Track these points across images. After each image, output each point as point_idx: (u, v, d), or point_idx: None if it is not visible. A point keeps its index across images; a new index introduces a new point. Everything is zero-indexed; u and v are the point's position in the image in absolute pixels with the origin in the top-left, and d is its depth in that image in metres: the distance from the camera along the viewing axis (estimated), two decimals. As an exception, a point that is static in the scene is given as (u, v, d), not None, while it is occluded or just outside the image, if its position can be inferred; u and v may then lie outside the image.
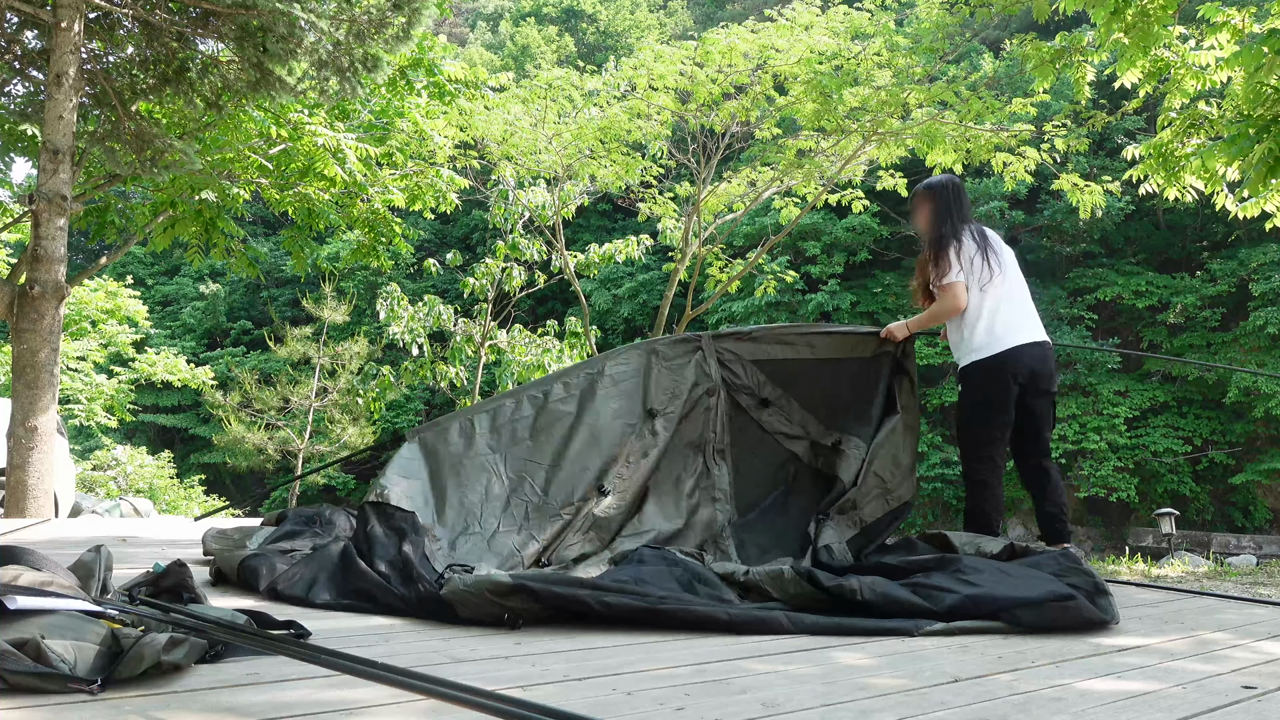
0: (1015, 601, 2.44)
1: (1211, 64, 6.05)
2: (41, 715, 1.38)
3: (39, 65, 7.12)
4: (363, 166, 8.46)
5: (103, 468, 16.39)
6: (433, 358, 11.33)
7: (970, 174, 19.89)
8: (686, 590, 2.56)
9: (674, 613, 2.35)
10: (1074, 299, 23.45)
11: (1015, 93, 11.07)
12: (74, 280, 7.14)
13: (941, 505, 22.27)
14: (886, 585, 2.53)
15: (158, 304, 31.30)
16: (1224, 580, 4.54)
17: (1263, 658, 2.21)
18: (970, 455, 3.52)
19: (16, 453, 6.00)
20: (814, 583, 2.53)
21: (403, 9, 6.61)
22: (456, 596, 2.33)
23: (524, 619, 2.33)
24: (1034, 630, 2.41)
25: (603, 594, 2.36)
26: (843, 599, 2.48)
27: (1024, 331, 3.48)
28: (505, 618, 2.30)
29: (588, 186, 11.71)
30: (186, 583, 2.10)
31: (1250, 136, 5.42)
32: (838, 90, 9.32)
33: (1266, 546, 18.05)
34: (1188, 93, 6.31)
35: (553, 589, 2.33)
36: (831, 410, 3.61)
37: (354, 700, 1.56)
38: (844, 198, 11.39)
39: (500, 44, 36.64)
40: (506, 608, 2.30)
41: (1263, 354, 20.40)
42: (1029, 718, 1.62)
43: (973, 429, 3.52)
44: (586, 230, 27.19)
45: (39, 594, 1.68)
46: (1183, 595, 3.49)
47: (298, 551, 2.97)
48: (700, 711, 1.59)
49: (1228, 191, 6.47)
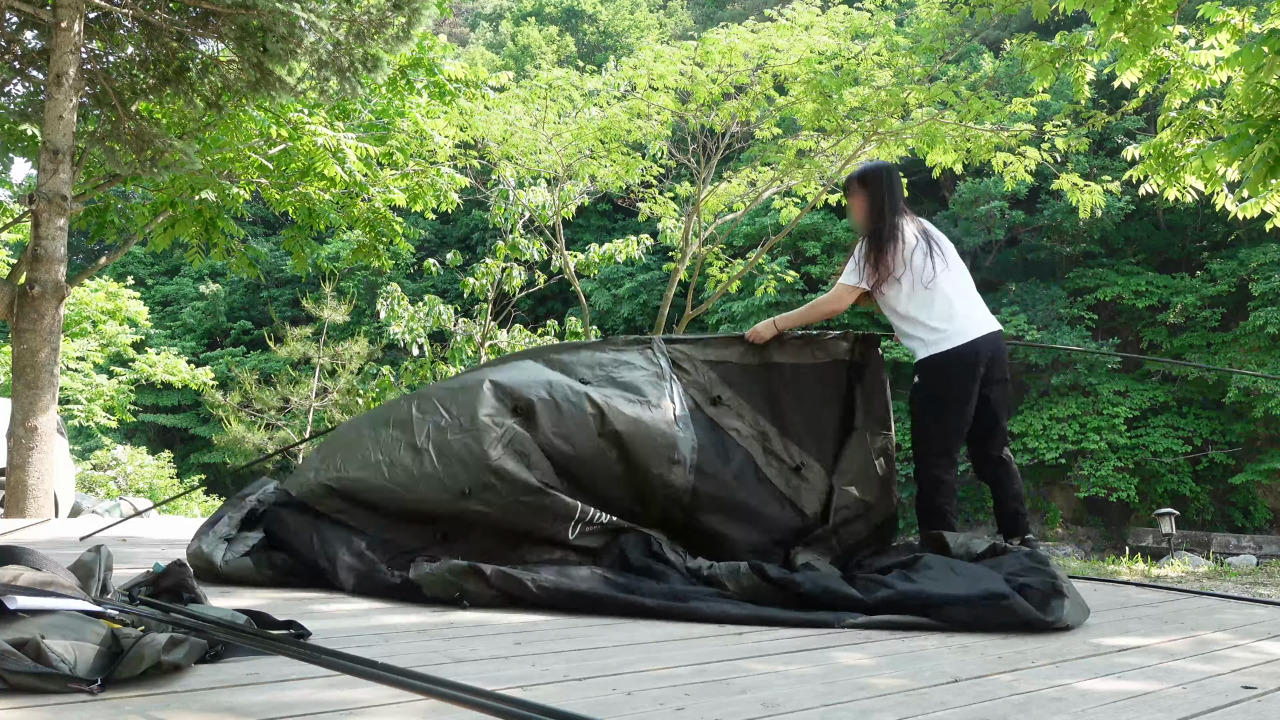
0: (946, 599, 2.46)
1: (1211, 64, 6.05)
2: (41, 715, 1.38)
3: (39, 65, 7.12)
4: (362, 166, 8.46)
5: (103, 468, 16.39)
6: (433, 358, 11.33)
7: (970, 174, 19.90)
8: (640, 578, 2.72)
9: (600, 597, 2.58)
10: (1074, 299, 23.46)
11: (1015, 92, 11.08)
12: (74, 280, 7.14)
13: (941, 505, 22.25)
14: (829, 580, 2.65)
15: (158, 304, 31.31)
16: (1224, 580, 4.54)
17: (1263, 658, 2.21)
18: (932, 452, 3.38)
19: (16, 453, 6.00)
20: (762, 576, 2.64)
21: (403, 9, 6.61)
22: (423, 579, 2.67)
23: (472, 600, 2.61)
24: (968, 628, 2.41)
25: (540, 579, 2.61)
26: (787, 591, 2.59)
27: (980, 322, 3.38)
28: (457, 596, 2.61)
29: (588, 186, 11.72)
30: (186, 583, 2.10)
31: (1250, 136, 5.42)
32: (837, 90, 9.33)
33: (1266, 546, 18.05)
34: (1188, 93, 6.31)
35: (501, 570, 2.62)
36: (784, 416, 3.39)
37: (354, 700, 1.56)
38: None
39: (501, 44, 36.65)
40: (462, 588, 2.61)
41: (1263, 354, 20.41)
42: (1029, 718, 1.62)
43: (935, 425, 3.37)
44: (586, 230, 27.20)
45: (39, 594, 1.68)
46: (1183, 595, 3.49)
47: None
48: (700, 711, 1.59)
49: (1228, 192, 6.47)
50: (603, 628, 2.38)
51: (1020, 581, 2.52)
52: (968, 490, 23.21)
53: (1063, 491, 22.53)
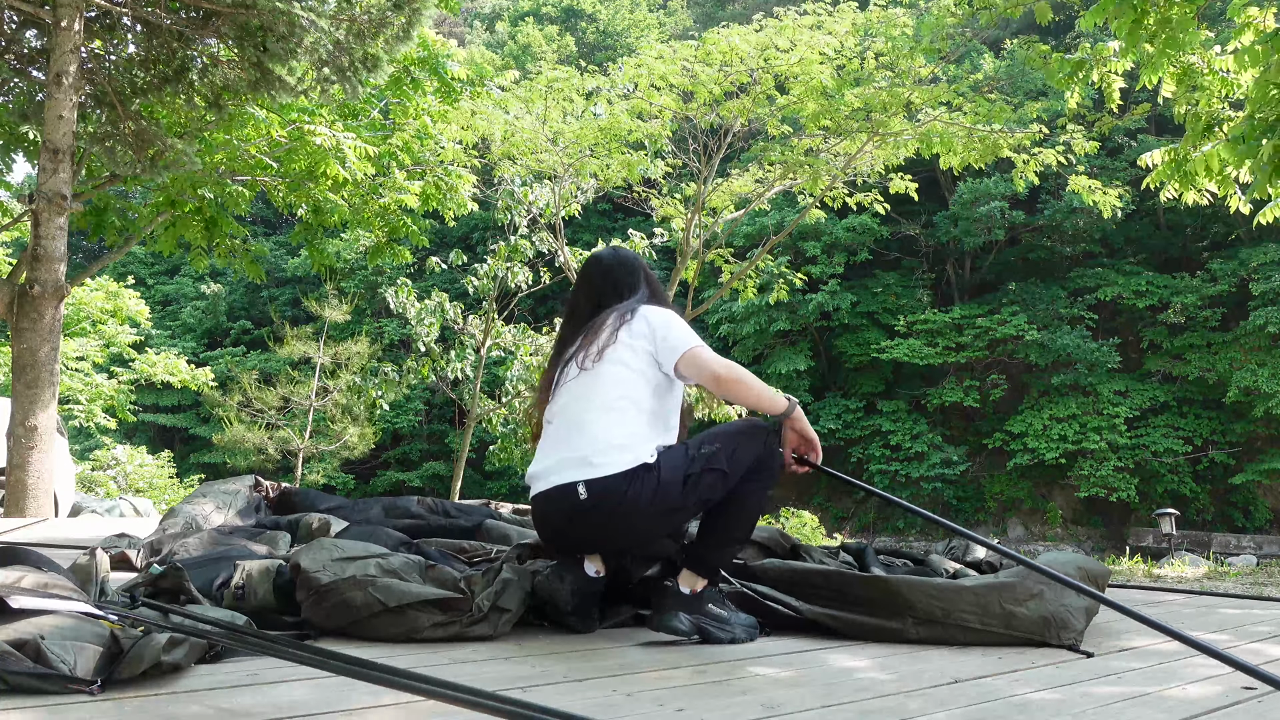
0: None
1: (1232, 68, 5.99)
2: (41, 715, 1.38)
3: (39, 65, 7.12)
4: (364, 166, 8.46)
5: (103, 467, 16.38)
6: (438, 355, 11.34)
7: (970, 174, 19.90)
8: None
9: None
10: (1074, 299, 23.46)
11: (1016, 91, 11.11)
12: (74, 280, 7.14)
13: (941, 505, 22.28)
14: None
15: (158, 304, 31.28)
16: (1224, 580, 4.54)
17: (1263, 658, 2.21)
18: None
19: (16, 452, 6.00)
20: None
21: (403, 9, 6.62)
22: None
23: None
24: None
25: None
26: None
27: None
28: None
29: (589, 185, 11.72)
30: (184, 584, 2.10)
31: (1257, 137, 5.38)
32: (839, 90, 9.35)
33: (1267, 546, 18.06)
34: (1215, 97, 6.24)
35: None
36: None
37: (354, 701, 1.56)
38: (863, 199, 11.36)
39: (500, 43, 36.61)
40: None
41: (1263, 354, 20.42)
42: (1029, 719, 1.62)
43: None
44: (587, 230, 27.19)
45: (40, 595, 1.68)
46: (1183, 595, 3.49)
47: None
48: (701, 713, 1.59)
49: (1240, 194, 6.42)
50: (602, 628, 2.38)
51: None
52: (968, 490, 23.24)
53: (1063, 491, 22.54)
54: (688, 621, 2.21)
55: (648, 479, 2.17)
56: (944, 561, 3.06)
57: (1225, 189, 6.37)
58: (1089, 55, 6.51)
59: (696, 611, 2.23)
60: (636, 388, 2.27)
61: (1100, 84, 6.58)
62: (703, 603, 2.25)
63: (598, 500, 2.16)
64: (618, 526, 2.21)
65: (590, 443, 2.20)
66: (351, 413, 18.99)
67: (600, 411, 2.24)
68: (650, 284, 2.50)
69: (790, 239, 22.61)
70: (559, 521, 2.25)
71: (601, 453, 2.18)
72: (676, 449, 2.26)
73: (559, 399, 2.34)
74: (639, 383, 2.28)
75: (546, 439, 2.35)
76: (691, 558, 2.31)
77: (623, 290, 2.45)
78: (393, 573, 2.15)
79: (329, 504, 3.54)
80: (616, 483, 2.15)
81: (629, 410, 2.24)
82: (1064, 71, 6.47)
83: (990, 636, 2.29)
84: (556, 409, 2.34)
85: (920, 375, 23.92)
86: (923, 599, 2.32)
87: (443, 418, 27.99)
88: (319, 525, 3.09)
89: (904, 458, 23.20)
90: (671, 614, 2.21)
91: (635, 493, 2.16)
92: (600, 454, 2.18)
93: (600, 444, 2.19)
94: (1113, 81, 6.54)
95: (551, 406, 2.36)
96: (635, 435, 2.22)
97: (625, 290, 2.45)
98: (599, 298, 2.46)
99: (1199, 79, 6.15)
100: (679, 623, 2.20)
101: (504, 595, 2.19)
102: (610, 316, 2.36)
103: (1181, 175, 6.30)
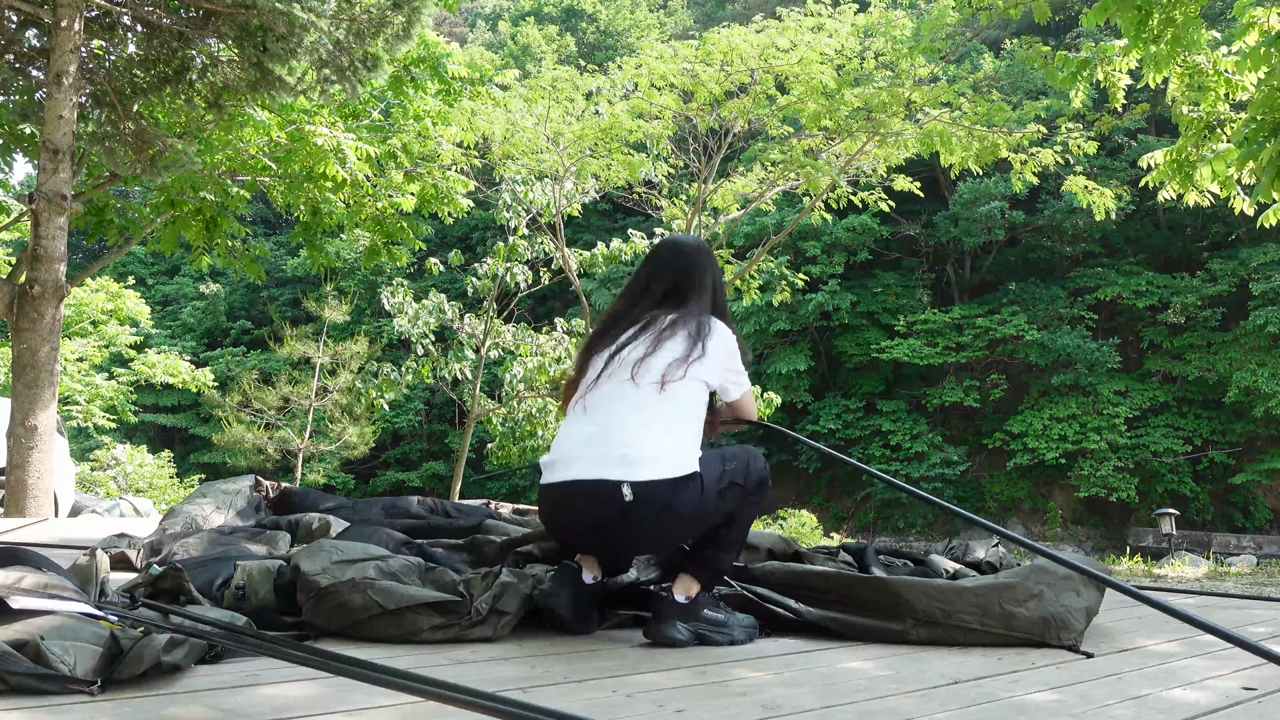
0: None
1: (1234, 69, 5.97)
2: (41, 715, 1.38)
3: (39, 65, 7.12)
4: (364, 166, 8.46)
5: (102, 467, 16.38)
6: (437, 355, 11.34)
7: (970, 174, 19.87)
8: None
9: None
10: (1074, 299, 23.47)
11: (1016, 91, 11.12)
12: (74, 280, 7.14)
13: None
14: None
15: (158, 304, 31.29)
16: (1224, 580, 4.54)
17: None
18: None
19: (16, 452, 5.99)
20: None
21: (402, 8, 6.61)
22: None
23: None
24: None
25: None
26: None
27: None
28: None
29: (590, 185, 11.73)
30: (184, 585, 2.10)
31: (1260, 139, 5.38)
32: (839, 90, 9.35)
33: (1267, 547, 18.07)
34: (1219, 97, 6.22)
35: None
36: None
37: (353, 702, 1.56)
38: (866, 197, 11.35)
39: (500, 43, 36.61)
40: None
41: (1263, 354, 20.42)
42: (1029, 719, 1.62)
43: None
44: (587, 230, 27.19)
45: (40, 596, 1.68)
46: (1183, 595, 3.49)
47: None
48: (700, 714, 1.59)
49: (1243, 195, 6.40)
50: (602, 629, 2.38)
51: None
52: (968, 490, 23.23)
53: (1063, 491, 22.54)
54: (686, 631, 2.20)
55: (693, 487, 2.16)
56: (944, 562, 3.06)
57: (1228, 190, 6.36)
58: (1093, 55, 6.49)
59: (693, 619, 2.23)
60: (687, 409, 2.26)
61: (1105, 83, 6.57)
62: (699, 609, 2.25)
63: (643, 503, 2.12)
64: (654, 532, 2.20)
65: (635, 444, 2.16)
66: (351, 413, 18.99)
67: (646, 414, 2.21)
68: (717, 290, 2.46)
69: (790, 239, 22.60)
70: (587, 516, 2.19)
71: (649, 458, 2.14)
72: (711, 459, 2.25)
73: (602, 386, 2.26)
74: (692, 405, 2.27)
75: (578, 424, 2.27)
76: (688, 565, 2.31)
77: (698, 287, 2.40)
78: (392, 575, 2.15)
79: (329, 504, 3.54)
80: (664, 489, 2.13)
81: (675, 423, 2.23)
82: (1067, 71, 6.46)
83: (990, 637, 2.30)
84: (599, 397, 2.26)
85: (920, 375, 23.92)
86: (923, 600, 2.33)
87: (443, 418, 28.00)
88: (319, 525, 3.09)
89: (904, 458, 23.20)
90: (669, 623, 2.20)
91: (681, 500, 2.15)
92: (646, 457, 2.15)
93: (647, 446, 2.16)
94: (1117, 80, 6.52)
95: (593, 393, 2.28)
96: (682, 442, 2.21)
97: (697, 288, 2.40)
98: (673, 285, 2.40)
99: (1205, 79, 6.14)
100: (677, 632, 2.19)
101: (503, 598, 2.19)
102: (680, 333, 2.29)
103: (1182, 176, 6.29)
